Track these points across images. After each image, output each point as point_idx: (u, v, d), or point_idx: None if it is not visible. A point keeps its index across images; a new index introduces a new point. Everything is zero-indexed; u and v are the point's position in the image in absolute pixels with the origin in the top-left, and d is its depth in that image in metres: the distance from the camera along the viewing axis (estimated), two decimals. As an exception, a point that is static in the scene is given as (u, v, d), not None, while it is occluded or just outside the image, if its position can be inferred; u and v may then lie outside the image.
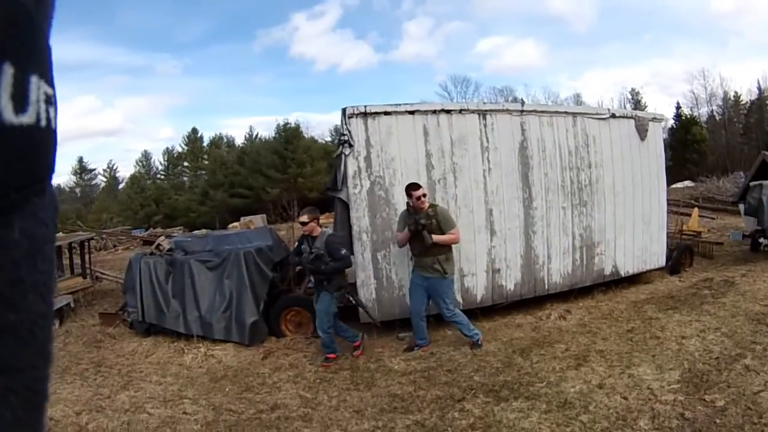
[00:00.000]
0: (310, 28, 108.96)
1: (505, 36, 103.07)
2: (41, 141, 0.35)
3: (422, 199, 5.99)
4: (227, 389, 5.85)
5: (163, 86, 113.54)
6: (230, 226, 41.74)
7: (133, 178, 66.09)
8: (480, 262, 7.14)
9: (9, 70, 0.31)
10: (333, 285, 6.06)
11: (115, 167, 74.84)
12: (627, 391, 4.66)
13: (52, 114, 0.36)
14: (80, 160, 75.43)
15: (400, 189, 6.61)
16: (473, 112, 7.05)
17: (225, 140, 70.67)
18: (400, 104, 7.00)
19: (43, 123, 0.35)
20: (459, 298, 6.93)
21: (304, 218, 6.20)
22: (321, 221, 6.43)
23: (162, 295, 7.81)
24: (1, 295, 0.33)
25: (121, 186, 70.22)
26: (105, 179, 74.38)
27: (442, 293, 6.06)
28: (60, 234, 22.67)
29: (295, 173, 53.15)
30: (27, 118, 0.33)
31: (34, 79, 0.34)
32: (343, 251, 6.03)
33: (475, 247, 7.07)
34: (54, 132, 0.37)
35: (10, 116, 0.32)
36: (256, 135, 68.32)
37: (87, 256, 12.57)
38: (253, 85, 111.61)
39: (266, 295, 7.44)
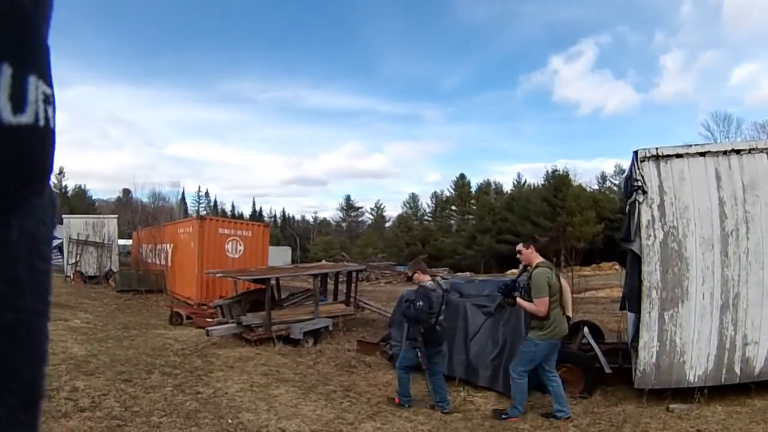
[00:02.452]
0: (569, 70, 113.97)
1: (759, 62, 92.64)
2: (40, 141, 0.38)
3: (518, 255, 6.68)
4: (481, 440, 5.60)
5: (429, 133, 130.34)
6: (508, 273, 44.27)
7: (400, 217, 76.81)
8: (765, 328, 6.77)
9: (7, 71, 0.34)
10: (409, 334, 7.02)
11: (382, 206, 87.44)
12: None
13: (50, 114, 0.39)
14: (347, 198, 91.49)
15: (693, 242, 6.75)
16: (762, 151, 6.92)
17: (493, 186, 77.03)
18: (690, 145, 7.16)
19: (42, 123, 0.38)
20: (736, 369, 6.71)
21: (408, 272, 7.72)
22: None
23: None
24: None
25: (387, 224, 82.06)
26: (372, 217, 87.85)
27: (522, 349, 6.46)
28: (325, 261, 25.50)
29: (564, 222, 54.84)
30: (25, 118, 0.36)
31: (32, 80, 0.37)
32: (418, 303, 6.63)
33: (761, 311, 6.73)
34: (52, 132, 0.40)
35: (8, 116, 0.35)
36: (524, 182, 73.33)
37: (353, 286, 13.62)
38: (519, 132, 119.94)
39: None
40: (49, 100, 0.39)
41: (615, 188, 68.50)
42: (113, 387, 6.93)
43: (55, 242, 32.04)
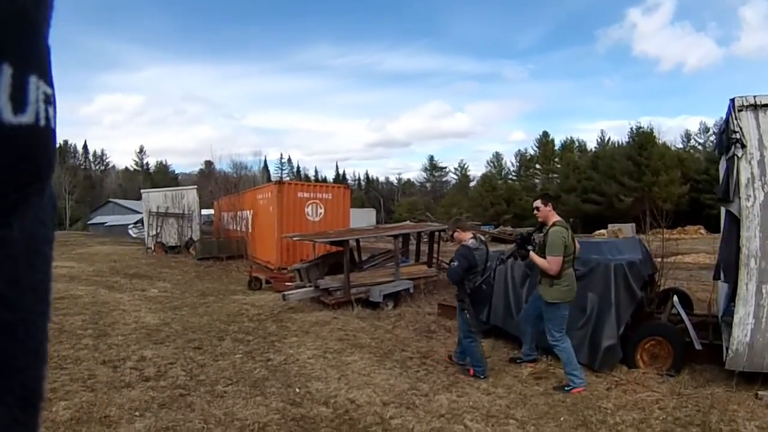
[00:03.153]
0: (647, 24, 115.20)
1: None
2: (40, 141, 0.39)
3: (536, 212, 6.61)
4: (562, 419, 5.23)
5: (510, 91, 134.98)
6: (596, 233, 43.86)
7: (484, 177, 77.94)
8: None
9: (8, 71, 0.35)
10: (457, 295, 6.85)
11: (466, 166, 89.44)
12: None
13: (51, 113, 0.40)
14: (431, 159, 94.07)
15: None
16: None
17: (576, 144, 77.72)
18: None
19: (42, 122, 0.38)
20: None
21: (448, 230, 7.69)
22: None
23: (514, 298, 7.93)
24: None
25: (472, 184, 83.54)
26: (456, 177, 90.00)
27: (546, 318, 6.32)
28: (409, 222, 25.26)
29: (649, 181, 54.93)
30: (26, 118, 0.37)
31: (33, 79, 0.37)
32: (454, 263, 6.63)
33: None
34: (53, 131, 0.40)
35: (9, 116, 0.35)
36: (608, 140, 74.47)
37: (435, 246, 13.27)
38: (601, 88, 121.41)
39: (630, 317, 7.01)
40: (49, 100, 0.39)
41: (700, 147, 67.56)
42: (182, 355, 6.91)
43: (137, 217, 33.67)
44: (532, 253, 6.39)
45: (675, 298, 7.25)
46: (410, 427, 4.81)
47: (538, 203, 6.58)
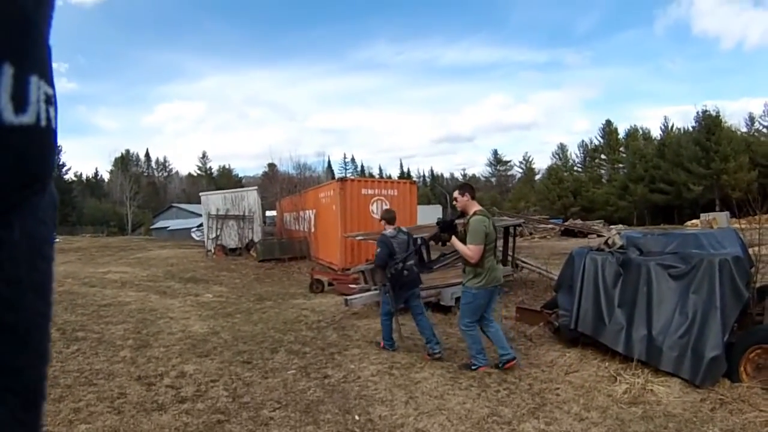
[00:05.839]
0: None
1: None
2: (41, 141, 0.39)
3: (454, 201, 6.69)
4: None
5: (572, 79, 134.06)
6: (689, 224, 41.75)
7: (550, 169, 77.89)
8: None
9: (9, 71, 0.35)
10: (380, 280, 8.01)
11: (530, 159, 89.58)
12: None
13: (52, 114, 0.40)
14: (495, 153, 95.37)
15: None
16: None
17: (640, 132, 77.10)
18: None
19: (44, 123, 0.39)
20: None
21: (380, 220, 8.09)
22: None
23: (606, 301, 6.89)
24: (0, 294, 0.36)
25: (537, 177, 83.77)
26: (521, 170, 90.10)
27: (463, 302, 6.57)
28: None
29: (718, 168, 54.21)
30: (27, 118, 0.37)
31: (34, 80, 0.37)
32: (377, 250, 7.38)
33: None
34: (54, 132, 0.41)
35: (10, 116, 0.35)
36: (672, 126, 72.82)
37: (511, 242, 12.31)
38: (661, 71, 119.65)
39: (735, 322, 6.04)
40: (50, 101, 0.39)
41: (765, 130, 65.14)
42: (227, 371, 6.18)
43: (200, 220, 33.92)
44: (454, 238, 6.52)
45: None
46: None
47: (455, 194, 6.65)
